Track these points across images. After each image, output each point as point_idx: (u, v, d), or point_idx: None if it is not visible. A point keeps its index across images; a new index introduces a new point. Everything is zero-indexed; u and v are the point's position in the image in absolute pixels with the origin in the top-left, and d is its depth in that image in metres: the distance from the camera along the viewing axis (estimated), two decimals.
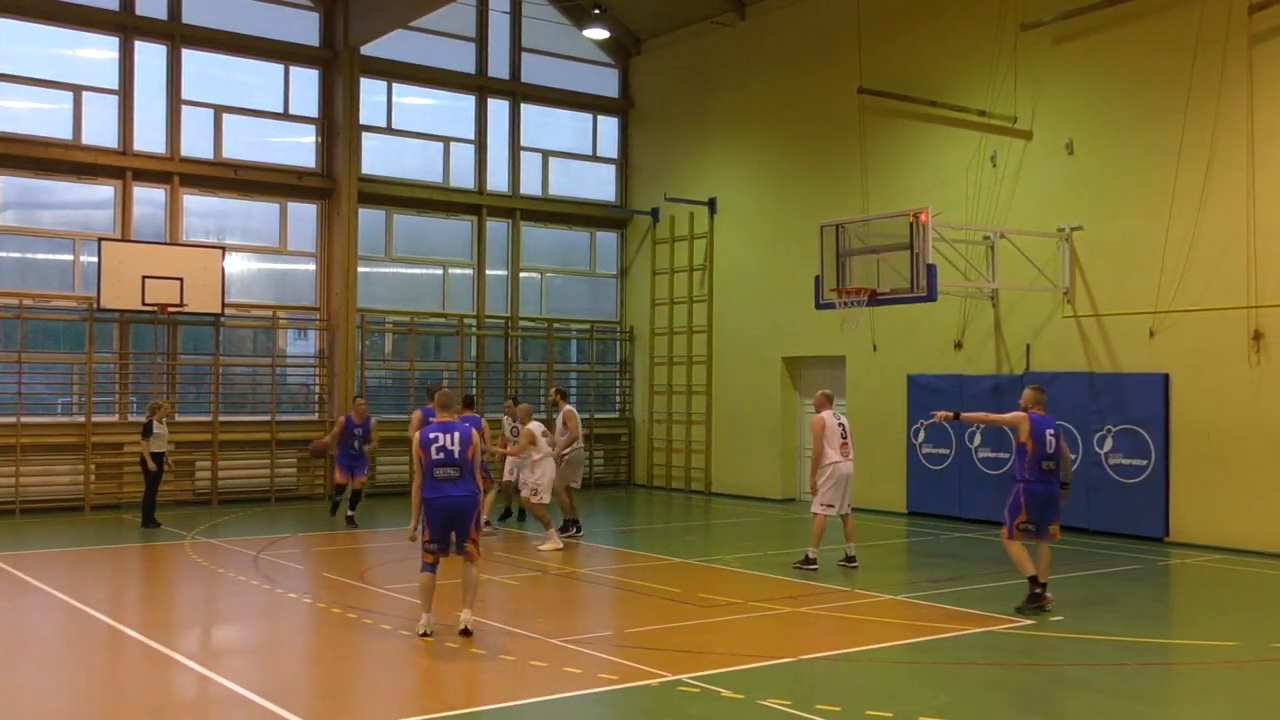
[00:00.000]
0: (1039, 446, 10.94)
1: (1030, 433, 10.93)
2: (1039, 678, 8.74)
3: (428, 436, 9.82)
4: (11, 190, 19.28)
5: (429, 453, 9.74)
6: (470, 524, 9.83)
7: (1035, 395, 11.24)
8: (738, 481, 22.40)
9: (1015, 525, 11.00)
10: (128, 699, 8.41)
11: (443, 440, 9.79)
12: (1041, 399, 11.23)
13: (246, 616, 11.30)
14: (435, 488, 9.71)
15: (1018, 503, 11.00)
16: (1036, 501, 10.99)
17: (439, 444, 9.77)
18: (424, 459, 9.73)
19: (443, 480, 9.71)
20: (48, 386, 19.76)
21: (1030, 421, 10.98)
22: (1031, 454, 10.95)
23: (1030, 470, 10.96)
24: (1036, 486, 10.97)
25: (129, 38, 19.91)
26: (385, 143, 22.48)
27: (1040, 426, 11.00)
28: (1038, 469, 10.96)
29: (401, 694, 8.22)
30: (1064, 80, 17.28)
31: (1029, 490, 10.98)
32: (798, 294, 19.60)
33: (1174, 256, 15.88)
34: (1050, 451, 10.97)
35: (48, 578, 12.72)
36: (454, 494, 9.71)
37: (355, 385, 21.49)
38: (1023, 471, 11.02)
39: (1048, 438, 10.99)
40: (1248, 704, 8.21)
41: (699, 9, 22.91)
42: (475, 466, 9.93)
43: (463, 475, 9.76)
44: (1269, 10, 15.01)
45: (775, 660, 9.12)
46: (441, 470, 9.71)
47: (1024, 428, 10.98)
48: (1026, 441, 10.96)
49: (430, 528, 9.74)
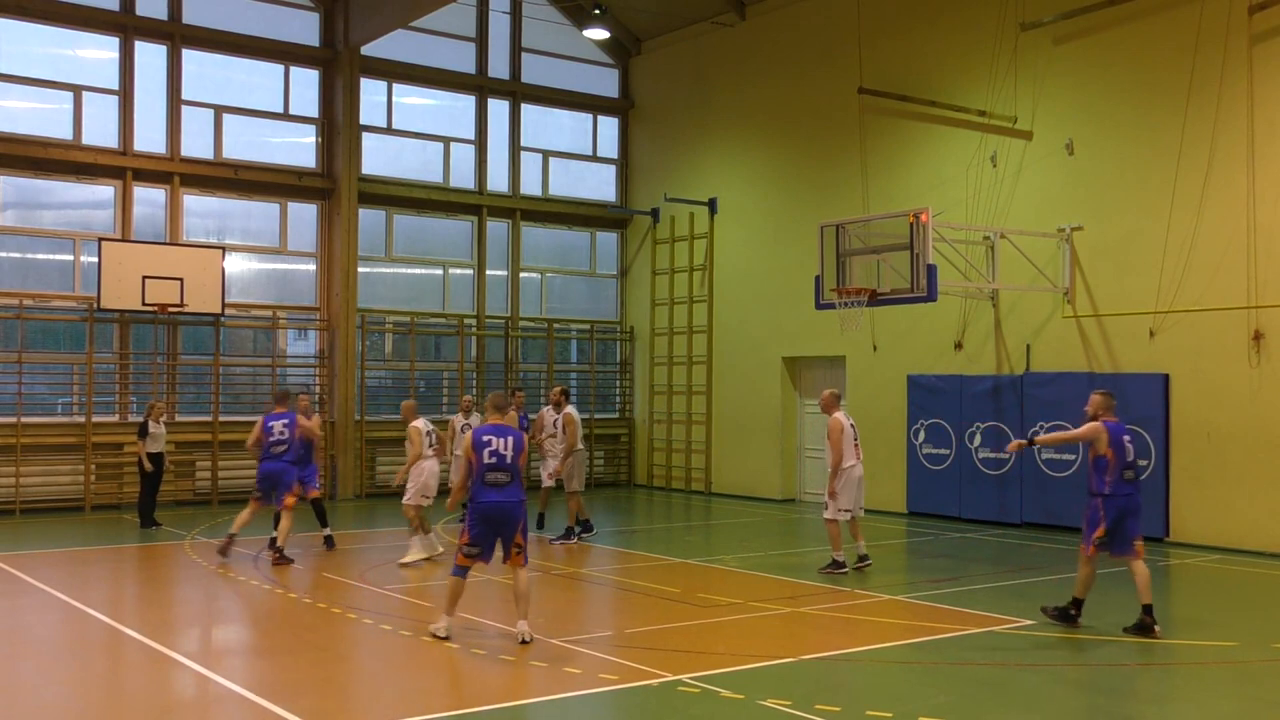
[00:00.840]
0: (1120, 455, 10.20)
1: (1109, 442, 10.21)
2: (1039, 678, 8.74)
3: (480, 439, 9.59)
4: (12, 190, 19.28)
5: (481, 456, 9.53)
6: (518, 530, 9.62)
7: (1106, 400, 10.50)
8: (738, 481, 22.40)
9: (1095, 541, 10.22)
10: (128, 699, 8.41)
11: (496, 444, 9.57)
12: (1112, 404, 10.54)
13: (246, 616, 11.30)
14: (484, 492, 9.52)
15: (1097, 517, 10.22)
16: (1119, 515, 10.19)
17: (492, 448, 9.55)
18: (475, 462, 9.53)
19: (492, 485, 9.52)
20: (48, 386, 19.76)
21: (1108, 430, 10.25)
22: (1113, 464, 10.17)
23: (1112, 482, 10.18)
24: (1118, 499, 10.18)
25: (129, 38, 19.91)
26: (385, 143, 22.48)
27: (1118, 434, 10.30)
28: (1120, 480, 10.20)
29: (401, 694, 8.21)
30: (1064, 80, 17.28)
31: (1109, 504, 10.17)
32: (798, 294, 19.60)
33: (1174, 256, 15.88)
34: (1130, 459, 10.29)
35: (48, 578, 12.72)
36: (503, 500, 9.53)
37: (355, 385, 21.49)
38: (1102, 485, 10.21)
39: (1126, 445, 10.31)
40: (1248, 704, 8.20)
41: (699, 9, 22.91)
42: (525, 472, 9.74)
43: (513, 481, 9.58)
44: (1269, 10, 15.01)
45: (775, 660, 9.12)
46: (492, 475, 9.51)
47: (1102, 438, 10.22)
48: (1106, 452, 10.20)
49: (471, 530, 9.57)
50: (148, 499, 17.09)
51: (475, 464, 9.56)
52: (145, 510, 17.02)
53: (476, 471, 9.55)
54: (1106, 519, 10.14)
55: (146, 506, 17.03)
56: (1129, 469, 10.24)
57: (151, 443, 16.90)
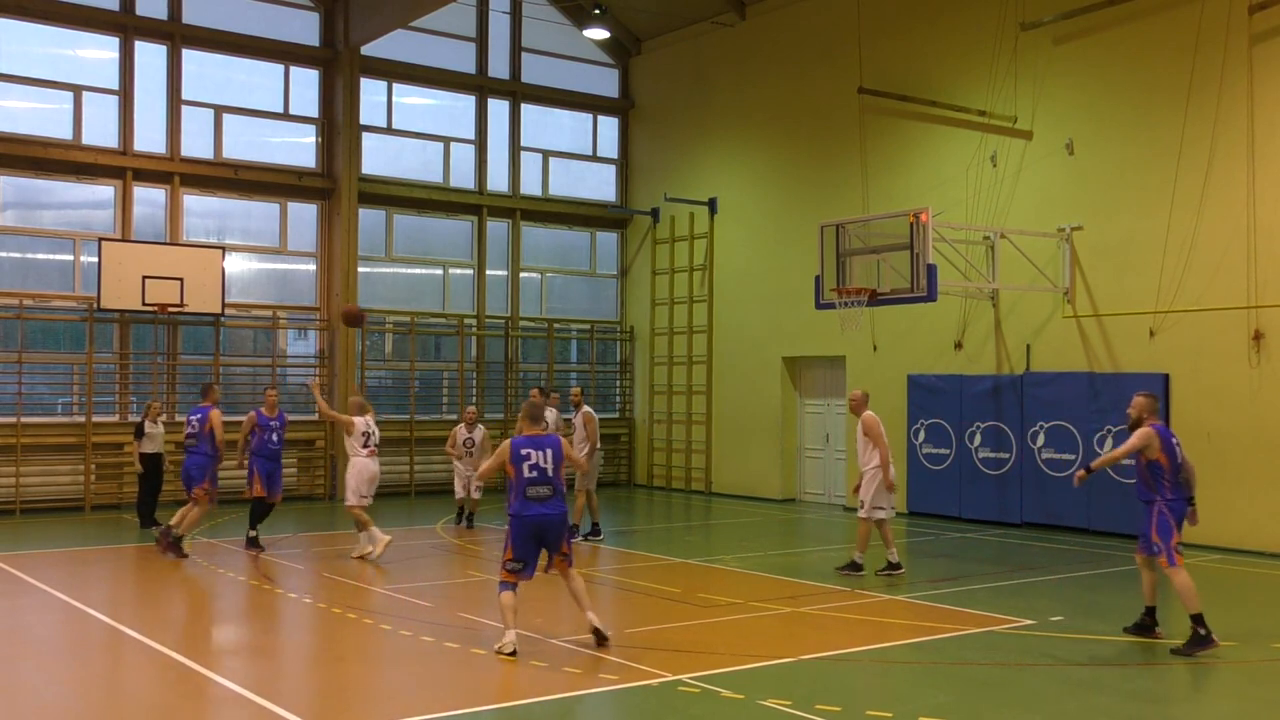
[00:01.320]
0: (1172, 459, 9.81)
1: (1161, 447, 9.78)
2: (1039, 678, 8.74)
3: (519, 452, 9.26)
4: (12, 190, 19.29)
5: (520, 470, 9.23)
6: (563, 540, 9.46)
7: (1151, 403, 10.06)
8: (738, 481, 22.40)
9: (1175, 549, 9.67)
10: (128, 699, 8.41)
11: (535, 457, 9.28)
12: (1156, 406, 10.13)
13: (246, 616, 11.30)
14: (526, 506, 9.24)
15: (1167, 523, 9.69)
16: (1180, 519, 9.80)
17: (531, 461, 9.26)
18: (514, 475, 9.24)
19: (534, 499, 9.25)
20: (48, 386, 19.77)
21: (1158, 436, 9.83)
22: (1169, 468, 9.78)
23: (1171, 487, 9.77)
24: (1178, 504, 9.78)
25: (129, 38, 19.92)
26: (385, 143, 22.48)
27: (1167, 438, 9.91)
28: (1177, 484, 9.80)
29: (401, 694, 8.21)
30: (1064, 80, 17.28)
31: (1174, 508, 9.76)
32: (798, 294, 19.60)
33: (1174, 256, 15.88)
34: (1181, 462, 9.90)
35: (48, 578, 12.72)
36: (547, 512, 9.29)
37: (356, 385, 21.48)
38: (1163, 490, 9.77)
39: (1176, 448, 9.92)
40: (1248, 704, 8.21)
41: (699, 9, 22.91)
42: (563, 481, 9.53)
43: (555, 494, 9.33)
44: (1269, 10, 15.01)
45: (775, 660, 9.12)
46: (534, 489, 9.24)
47: (1154, 444, 9.80)
48: (1159, 457, 9.77)
49: (515, 545, 9.27)
50: (146, 499, 17.06)
51: (515, 478, 9.24)
52: (144, 511, 17.00)
53: (517, 486, 9.24)
54: (1178, 525, 9.72)
55: (146, 507, 17.01)
56: (1183, 471, 9.88)
57: (147, 443, 16.84)
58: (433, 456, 22.55)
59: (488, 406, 23.30)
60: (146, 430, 16.87)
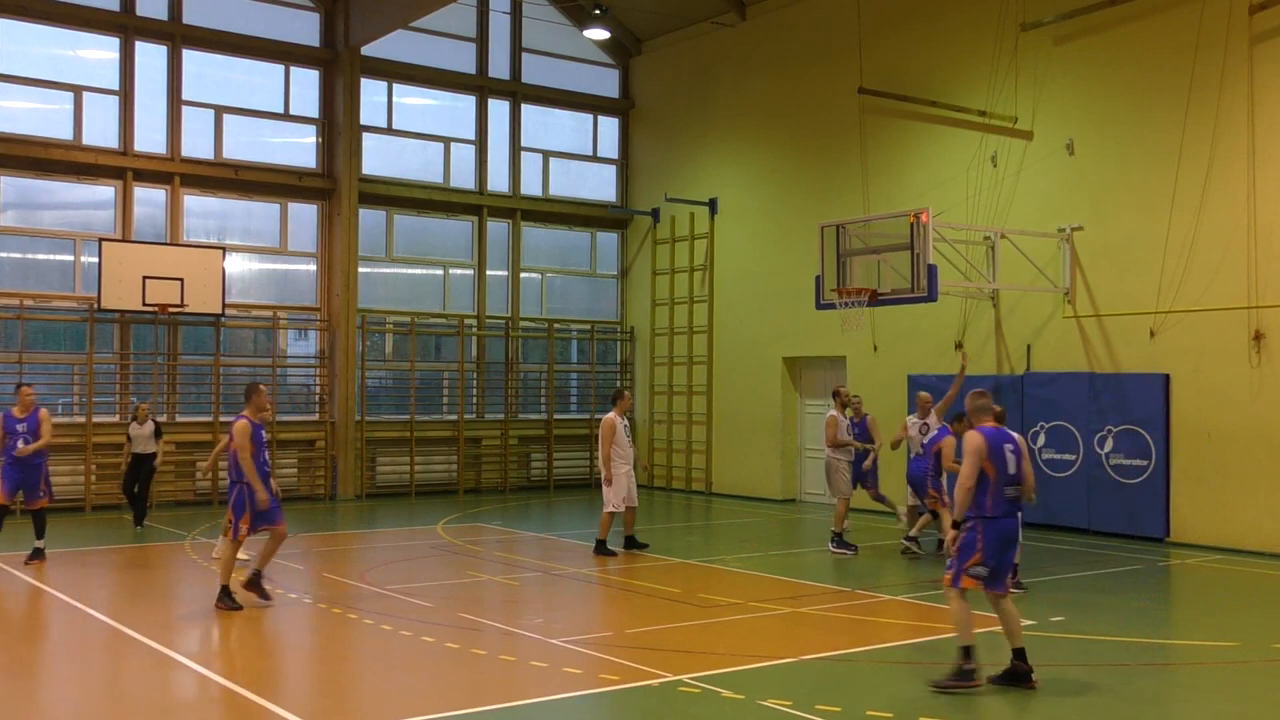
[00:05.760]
0: (1001, 469, 8.49)
1: (988, 454, 8.47)
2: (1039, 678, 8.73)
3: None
4: (12, 190, 19.29)
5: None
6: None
7: (975, 402, 8.89)
8: (738, 481, 22.40)
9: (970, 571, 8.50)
10: (128, 699, 8.41)
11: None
12: (984, 405, 8.86)
13: (246, 616, 11.29)
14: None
15: (973, 540, 8.51)
16: (996, 541, 8.55)
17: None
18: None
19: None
20: (48, 387, 19.74)
21: (985, 439, 8.52)
22: (994, 479, 8.46)
23: (994, 501, 8.48)
24: (996, 523, 8.51)
25: (129, 38, 19.92)
26: (385, 143, 22.49)
27: (998, 444, 8.54)
28: (1001, 498, 8.50)
29: (401, 694, 8.21)
30: (1064, 80, 17.27)
31: (989, 528, 8.50)
32: (798, 294, 19.60)
33: (1174, 257, 15.87)
34: (1013, 473, 8.57)
35: (48, 578, 12.72)
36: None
37: (356, 385, 21.48)
38: (983, 504, 8.49)
39: (1009, 456, 8.57)
40: (1248, 704, 8.20)
41: (699, 9, 22.92)
42: None
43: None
44: (1269, 10, 15.00)
45: (775, 660, 9.12)
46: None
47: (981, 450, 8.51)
48: (986, 465, 8.47)
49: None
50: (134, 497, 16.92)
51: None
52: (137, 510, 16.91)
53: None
54: (988, 546, 8.43)
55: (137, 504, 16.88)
56: (1011, 485, 8.54)
57: (134, 444, 16.71)
58: (433, 456, 22.58)
59: (488, 407, 23.30)
60: (131, 433, 16.72)
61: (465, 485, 22.60)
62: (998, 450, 8.50)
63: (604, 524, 14.79)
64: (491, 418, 23.28)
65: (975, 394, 8.94)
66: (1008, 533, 8.60)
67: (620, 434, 14.82)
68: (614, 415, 14.90)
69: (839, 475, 15.31)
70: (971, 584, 8.50)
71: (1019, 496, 8.63)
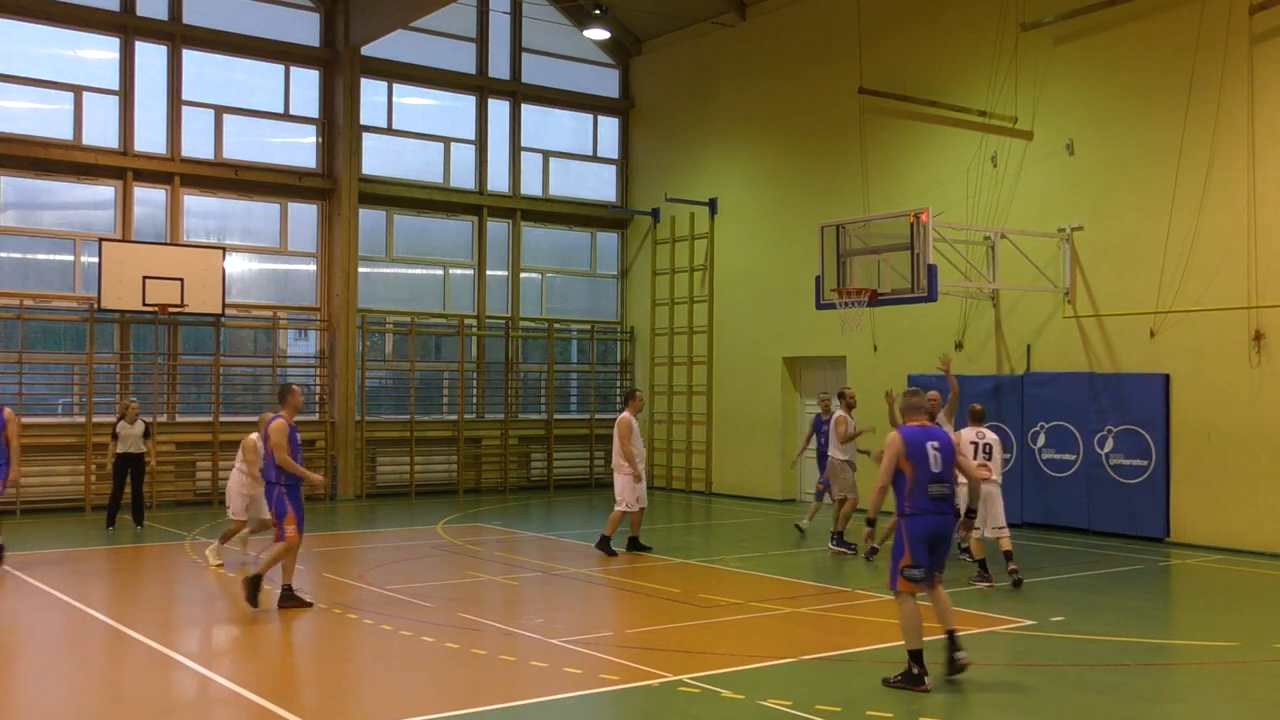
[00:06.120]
0: (920, 468, 8.46)
1: (906, 453, 8.49)
2: (1039, 678, 8.74)
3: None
4: (12, 190, 19.29)
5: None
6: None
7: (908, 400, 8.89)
8: (738, 481, 22.39)
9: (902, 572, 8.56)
10: (128, 699, 8.41)
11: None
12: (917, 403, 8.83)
13: (247, 616, 11.29)
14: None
15: (901, 543, 8.58)
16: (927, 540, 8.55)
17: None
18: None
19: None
20: (48, 387, 19.77)
21: (902, 440, 8.55)
22: (911, 478, 8.48)
23: (913, 500, 8.47)
24: (922, 519, 8.49)
25: (129, 38, 19.92)
26: (385, 143, 22.49)
27: (918, 443, 8.52)
28: (923, 496, 8.46)
29: (401, 694, 8.21)
30: (1064, 80, 17.27)
31: (912, 525, 8.52)
32: (798, 294, 19.60)
33: (1174, 257, 15.87)
34: (938, 472, 8.49)
35: (48, 578, 12.72)
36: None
37: (356, 385, 21.48)
38: (902, 503, 8.59)
39: (932, 454, 8.50)
40: (1248, 704, 8.20)
41: (699, 9, 22.91)
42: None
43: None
44: (1269, 10, 15.00)
45: (775, 660, 9.12)
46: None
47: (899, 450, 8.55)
48: (903, 464, 8.51)
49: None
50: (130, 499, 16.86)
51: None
52: (111, 510, 16.81)
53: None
54: (914, 543, 8.45)
55: (114, 506, 16.80)
56: (935, 482, 8.47)
57: (121, 443, 16.65)
58: (433, 456, 22.58)
59: (488, 407, 23.30)
60: (119, 431, 16.60)
61: (465, 485, 22.60)
62: (917, 448, 8.48)
63: (613, 521, 14.74)
64: (491, 418, 23.28)
65: (908, 393, 8.94)
66: (929, 530, 8.49)
67: (637, 432, 14.89)
68: (629, 415, 14.95)
69: (844, 475, 15.32)
70: (908, 586, 8.52)
71: (947, 495, 8.54)
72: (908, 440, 8.50)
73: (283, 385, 11.56)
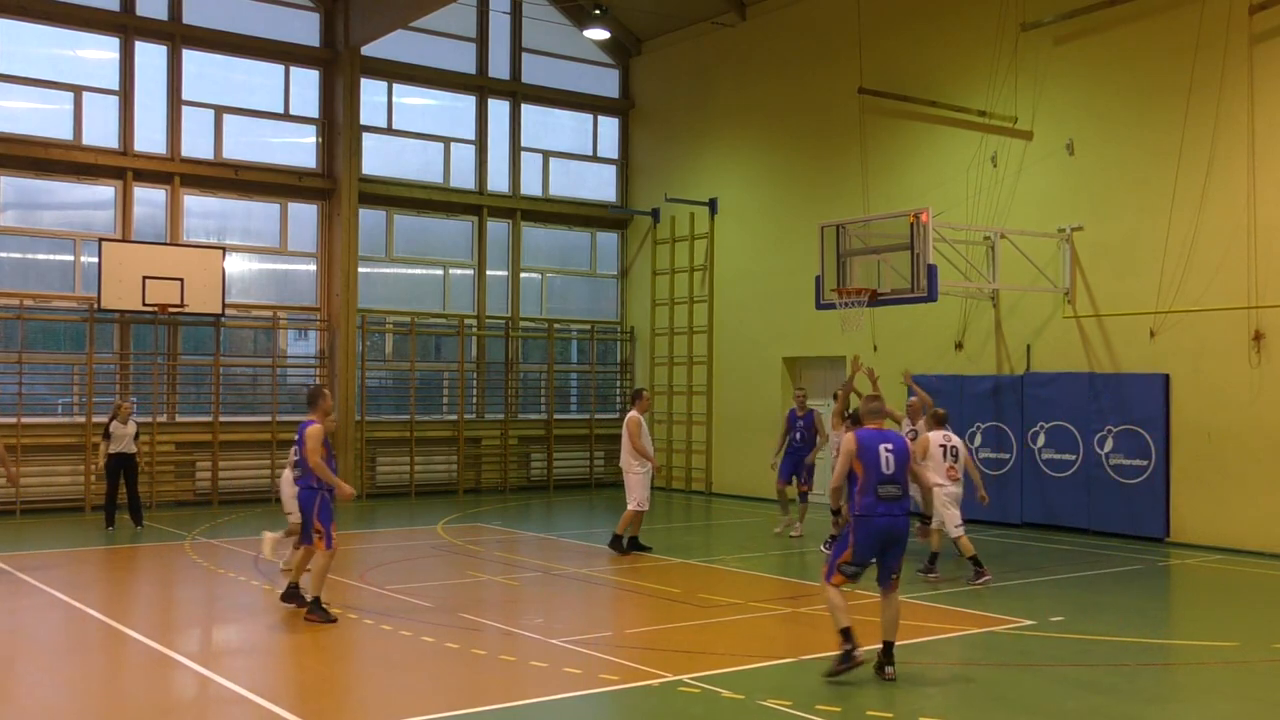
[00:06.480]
0: (871, 469, 8.60)
1: (857, 453, 8.64)
2: (1039, 678, 8.74)
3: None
4: (12, 190, 19.29)
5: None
6: None
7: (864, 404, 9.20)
8: (738, 481, 22.39)
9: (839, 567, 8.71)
10: (128, 699, 8.41)
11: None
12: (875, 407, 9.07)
13: (246, 616, 11.29)
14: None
15: (845, 540, 8.76)
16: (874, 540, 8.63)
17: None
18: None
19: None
20: (48, 387, 19.76)
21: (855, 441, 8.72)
22: (862, 478, 8.62)
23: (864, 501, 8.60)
24: (869, 520, 8.59)
25: (129, 38, 19.92)
26: (385, 143, 22.48)
27: (870, 444, 8.69)
28: (873, 495, 8.58)
29: (401, 694, 8.21)
30: (1064, 80, 17.27)
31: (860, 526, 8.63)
32: (798, 294, 19.59)
33: (1174, 257, 15.87)
34: (890, 473, 8.62)
35: (48, 578, 12.72)
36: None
37: (356, 385, 21.47)
38: (852, 502, 8.76)
39: (884, 455, 8.64)
40: (1248, 704, 8.20)
41: (699, 9, 22.91)
42: None
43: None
44: (1269, 10, 15.00)
45: (775, 660, 9.13)
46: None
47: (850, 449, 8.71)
48: (854, 464, 8.67)
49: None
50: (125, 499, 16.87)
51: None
52: (108, 510, 16.81)
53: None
54: (855, 544, 8.57)
55: (111, 506, 16.81)
56: (887, 483, 8.59)
57: (115, 444, 16.61)
58: (433, 456, 22.58)
59: (488, 407, 23.30)
60: (113, 431, 16.59)
61: (465, 485, 22.60)
62: (870, 450, 8.63)
63: (626, 520, 14.68)
64: (491, 418, 23.28)
65: (868, 398, 9.24)
66: (880, 531, 8.56)
67: (646, 430, 14.92)
68: (637, 413, 14.93)
69: None
70: (840, 580, 8.67)
71: (898, 496, 8.63)
72: (861, 442, 8.68)
73: (313, 388, 11.41)
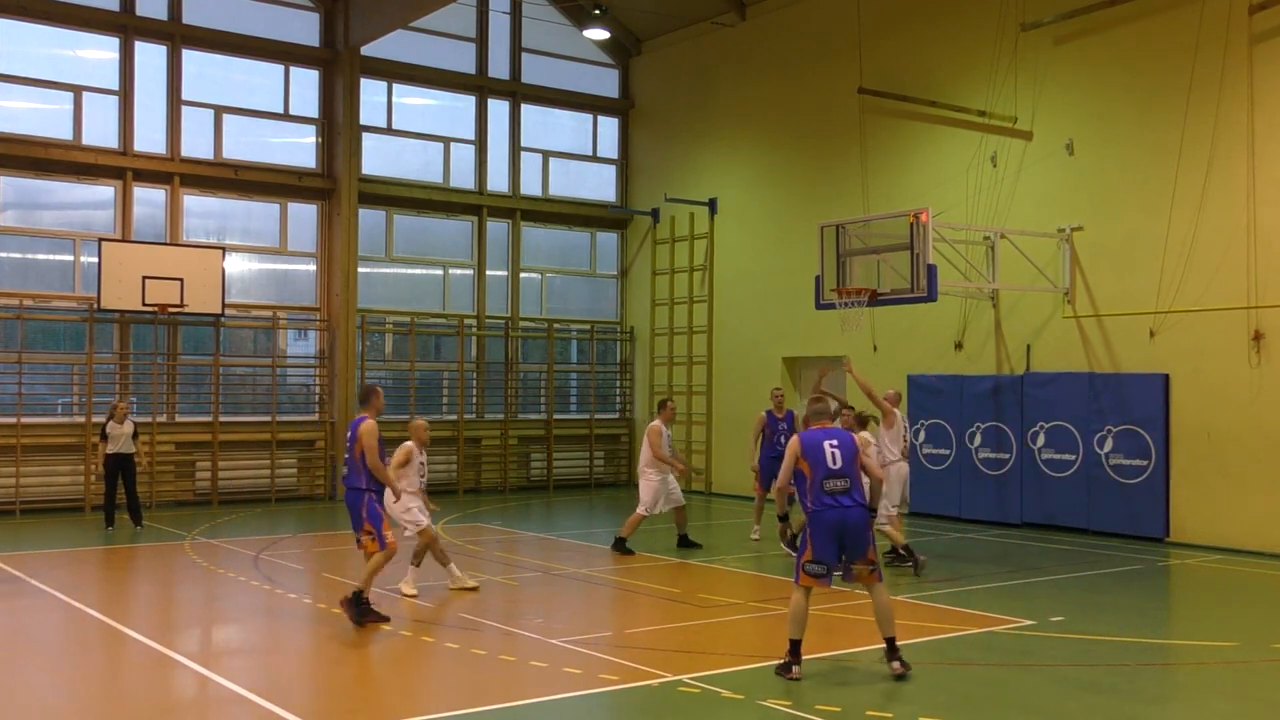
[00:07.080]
0: (817, 468, 8.69)
1: (802, 453, 8.75)
2: (1039, 678, 8.74)
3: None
4: (12, 190, 19.29)
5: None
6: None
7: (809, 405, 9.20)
8: (738, 481, 22.35)
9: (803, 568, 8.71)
10: (128, 699, 8.41)
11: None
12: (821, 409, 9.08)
13: (246, 616, 11.29)
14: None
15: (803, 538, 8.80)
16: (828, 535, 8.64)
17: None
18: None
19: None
20: (48, 387, 19.76)
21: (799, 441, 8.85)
22: (810, 478, 8.71)
23: (814, 497, 8.68)
24: (823, 513, 8.64)
25: (129, 38, 19.92)
26: (385, 143, 22.48)
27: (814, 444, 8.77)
28: (821, 493, 8.66)
29: (401, 694, 8.21)
30: (1064, 80, 17.27)
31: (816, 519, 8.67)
32: (798, 294, 19.59)
33: (1174, 257, 15.87)
34: (837, 468, 8.68)
35: (48, 578, 12.71)
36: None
37: (356, 385, 21.45)
38: (804, 500, 8.82)
39: (829, 452, 8.71)
40: (1248, 704, 8.20)
41: (699, 9, 22.91)
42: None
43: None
44: (1269, 10, 15.00)
45: (775, 660, 9.11)
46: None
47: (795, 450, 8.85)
48: (801, 464, 8.78)
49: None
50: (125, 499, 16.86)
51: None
52: (108, 510, 16.80)
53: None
54: (814, 542, 8.62)
55: (110, 506, 16.81)
56: (833, 478, 8.65)
57: (112, 444, 16.60)
58: (433, 456, 22.47)
59: (488, 407, 23.30)
60: (109, 431, 16.55)
61: (465, 485, 22.60)
62: (814, 448, 8.74)
63: (632, 524, 14.74)
64: (491, 418, 23.28)
65: (812, 400, 9.31)
66: (832, 524, 8.61)
67: (664, 439, 14.88)
68: (659, 423, 14.97)
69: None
70: (810, 582, 8.65)
71: (845, 489, 8.67)
72: (805, 442, 8.79)
73: (367, 386, 11.26)
